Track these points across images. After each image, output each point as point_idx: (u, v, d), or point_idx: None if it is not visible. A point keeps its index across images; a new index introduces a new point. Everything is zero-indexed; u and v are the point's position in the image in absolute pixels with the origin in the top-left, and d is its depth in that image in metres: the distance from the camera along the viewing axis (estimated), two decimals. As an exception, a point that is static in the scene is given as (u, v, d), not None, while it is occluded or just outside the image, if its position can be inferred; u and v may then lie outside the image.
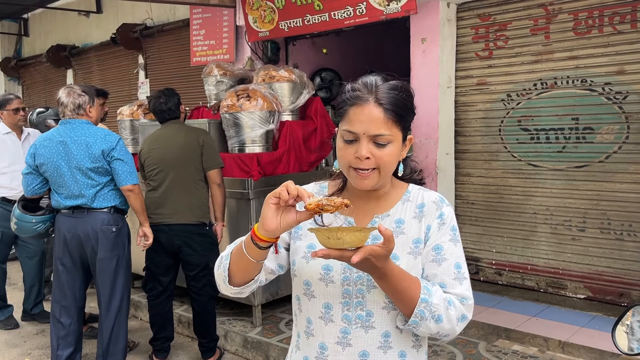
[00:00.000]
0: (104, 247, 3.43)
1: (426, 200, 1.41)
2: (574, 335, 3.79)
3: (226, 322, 4.30)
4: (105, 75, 8.56)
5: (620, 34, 4.19)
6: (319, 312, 1.38)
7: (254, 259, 1.29)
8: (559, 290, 4.62)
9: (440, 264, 1.34)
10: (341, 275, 1.35)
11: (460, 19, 4.99)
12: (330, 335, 1.37)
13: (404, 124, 1.33)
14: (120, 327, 3.56)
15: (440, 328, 1.29)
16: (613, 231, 4.33)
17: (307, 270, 1.38)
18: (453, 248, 1.36)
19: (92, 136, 3.37)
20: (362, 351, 1.35)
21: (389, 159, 1.31)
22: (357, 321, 1.35)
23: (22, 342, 4.45)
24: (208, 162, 3.77)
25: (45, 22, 9.70)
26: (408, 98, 1.35)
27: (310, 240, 1.38)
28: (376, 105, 1.29)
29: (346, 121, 1.32)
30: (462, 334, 3.94)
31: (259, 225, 1.24)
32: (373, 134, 1.28)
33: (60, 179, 3.38)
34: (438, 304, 1.27)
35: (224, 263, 1.38)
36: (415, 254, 1.36)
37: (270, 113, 4.46)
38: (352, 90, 1.33)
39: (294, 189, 1.20)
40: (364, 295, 1.34)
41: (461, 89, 5.06)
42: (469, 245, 5.14)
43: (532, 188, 4.73)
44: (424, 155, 5.03)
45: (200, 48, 6.63)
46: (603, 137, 4.33)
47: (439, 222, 1.37)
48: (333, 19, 5.13)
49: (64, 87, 3.51)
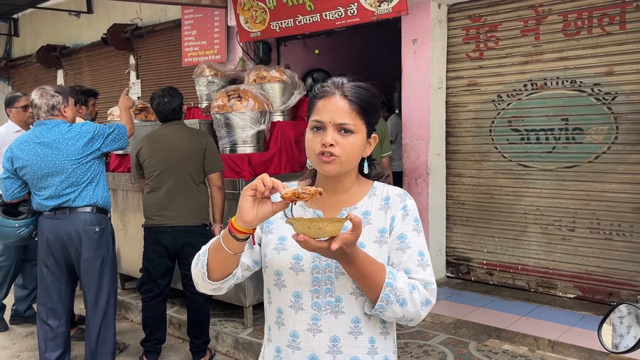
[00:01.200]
0: (88, 248, 3.39)
1: (391, 193, 1.50)
2: (564, 335, 3.81)
3: (217, 323, 4.29)
4: (96, 76, 8.52)
5: (609, 35, 4.23)
6: (289, 301, 1.44)
7: (232, 251, 1.34)
8: (549, 290, 4.65)
9: (405, 251, 1.43)
10: (311, 263, 1.42)
11: (451, 20, 5.01)
12: (301, 322, 1.43)
13: (367, 119, 1.43)
14: (107, 328, 3.52)
15: (406, 312, 1.36)
16: (602, 231, 4.36)
17: (278, 260, 1.45)
18: (416, 237, 1.45)
19: (70, 132, 3.36)
20: (333, 336, 1.41)
21: (352, 147, 1.41)
22: (327, 307, 1.41)
23: (11, 344, 4.42)
24: (210, 165, 3.77)
25: (36, 22, 9.65)
26: (373, 97, 1.45)
27: (281, 232, 1.46)
28: (342, 98, 1.41)
29: (314, 112, 1.43)
30: (453, 333, 3.95)
31: (237, 218, 1.30)
32: (338, 122, 1.39)
33: (41, 180, 3.34)
34: (403, 288, 1.35)
35: (201, 260, 1.43)
36: (381, 242, 1.44)
37: (261, 113, 4.46)
38: (321, 87, 1.46)
39: (269, 181, 1.27)
40: (332, 282, 1.41)
41: (452, 89, 5.08)
42: (460, 245, 5.16)
43: (522, 188, 4.75)
44: (416, 155, 5.04)
45: (192, 48, 6.62)
46: (592, 137, 4.37)
47: (403, 213, 1.46)
48: (324, 20, 5.14)
49: (36, 89, 3.47)
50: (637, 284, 4.23)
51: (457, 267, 5.20)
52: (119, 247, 4.84)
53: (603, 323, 1.48)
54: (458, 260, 5.19)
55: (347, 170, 1.44)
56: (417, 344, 3.82)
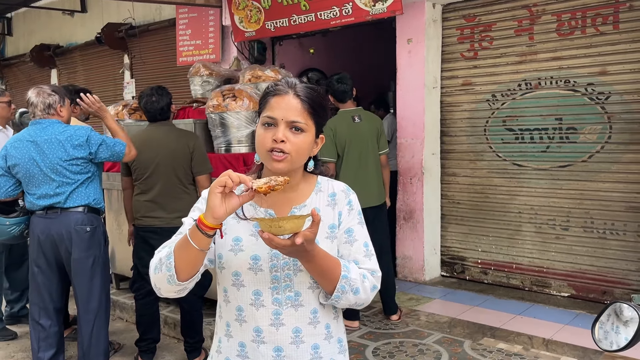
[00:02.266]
0: (78, 248, 3.34)
1: (336, 189, 1.58)
2: (558, 333, 3.83)
3: (212, 323, 4.27)
4: (90, 75, 8.49)
5: (602, 35, 4.25)
6: (249, 300, 1.49)
7: (201, 247, 1.37)
8: (543, 289, 4.67)
9: (352, 244, 1.53)
10: (269, 263, 1.47)
11: (446, 19, 5.02)
12: (263, 318, 1.49)
13: (317, 119, 1.50)
14: (100, 329, 3.47)
15: (358, 299, 1.48)
16: (596, 230, 4.39)
17: (235, 262, 1.49)
18: (361, 230, 1.56)
19: (63, 133, 3.32)
20: (295, 327, 1.49)
21: (303, 145, 1.46)
22: (287, 302, 1.48)
23: (5, 345, 4.40)
24: (197, 168, 3.77)
25: (29, 21, 9.60)
26: (323, 99, 1.52)
27: (235, 233, 1.51)
28: (295, 97, 1.47)
29: (267, 109, 1.48)
30: (448, 332, 3.97)
31: (206, 215, 1.34)
32: (290, 120, 1.44)
33: (34, 179, 3.32)
34: (355, 279, 1.47)
35: (166, 263, 1.41)
36: (331, 238, 1.52)
37: (256, 113, 4.44)
38: (275, 85, 1.51)
39: (236, 177, 1.32)
40: (291, 279, 1.48)
41: (447, 89, 5.10)
42: (455, 244, 5.17)
43: (516, 188, 4.77)
44: (410, 155, 5.06)
45: (187, 48, 6.61)
46: (586, 137, 4.39)
47: (348, 208, 1.55)
48: (319, 19, 5.14)
49: (33, 87, 3.44)
50: (630, 282, 4.26)
51: (451, 266, 5.21)
52: (114, 247, 4.83)
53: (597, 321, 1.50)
54: (453, 260, 5.21)
55: (296, 167, 1.50)
56: (412, 343, 3.83)
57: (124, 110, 5.30)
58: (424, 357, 3.62)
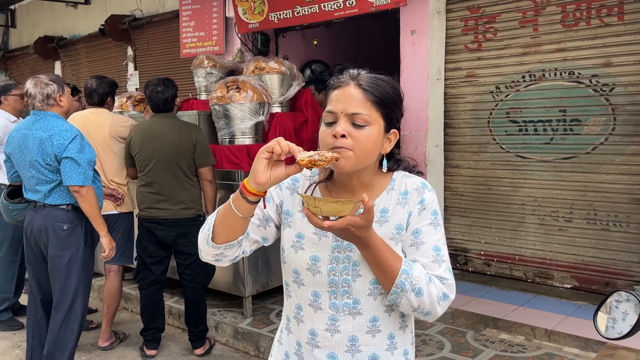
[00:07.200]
0: (53, 245, 3.24)
1: (409, 187, 1.44)
2: (560, 324, 3.85)
3: (217, 314, 4.32)
4: (93, 67, 8.50)
5: (607, 27, 4.23)
6: (309, 300, 1.43)
7: (242, 214, 1.32)
8: (546, 280, 4.68)
9: (419, 247, 1.38)
10: (328, 265, 1.40)
11: (450, 11, 5.00)
12: (319, 322, 1.42)
13: (385, 111, 1.36)
14: (67, 331, 3.28)
15: (421, 302, 1.32)
16: (599, 222, 4.39)
17: (295, 259, 1.43)
18: (432, 231, 1.39)
19: (47, 132, 3.17)
20: (351, 336, 1.41)
21: (366, 140, 1.33)
22: (345, 309, 1.40)
23: (12, 335, 4.45)
24: (200, 160, 3.80)
25: (33, 13, 9.60)
26: (392, 89, 1.38)
27: (299, 229, 1.44)
28: (355, 87, 1.34)
29: (327, 103, 1.38)
30: (451, 323, 3.99)
31: (249, 179, 1.28)
32: (351, 112, 1.32)
33: (21, 170, 3.30)
34: (419, 277, 1.31)
35: (209, 223, 1.40)
36: (396, 240, 1.40)
37: (260, 105, 4.46)
38: (337, 78, 1.40)
39: (286, 145, 1.24)
40: (349, 285, 1.39)
41: (450, 81, 5.08)
42: (458, 236, 5.18)
43: (520, 179, 4.77)
44: (414, 147, 5.06)
45: (190, 40, 6.61)
46: (590, 128, 4.38)
47: (420, 207, 1.41)
48: (323, 11, 5.13)
49: (31, 78, 3.32)
50: (633, 274, 4.26)
51: (455, 258, 5.23)
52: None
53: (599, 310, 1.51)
54: (456, 251, 5.22)
55: (363, 167, 1.37)
56: (415, 334, 3.84)
57: (127, 102, 5.32)
58: (427, 348, 3.64)
